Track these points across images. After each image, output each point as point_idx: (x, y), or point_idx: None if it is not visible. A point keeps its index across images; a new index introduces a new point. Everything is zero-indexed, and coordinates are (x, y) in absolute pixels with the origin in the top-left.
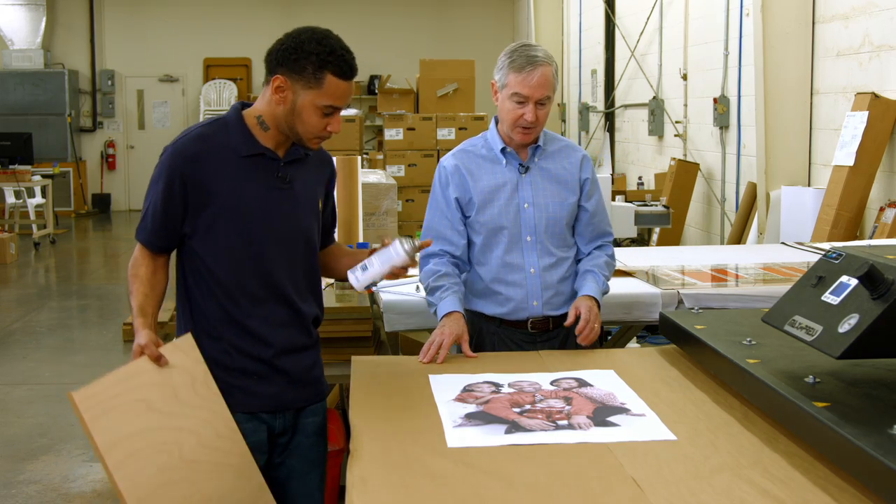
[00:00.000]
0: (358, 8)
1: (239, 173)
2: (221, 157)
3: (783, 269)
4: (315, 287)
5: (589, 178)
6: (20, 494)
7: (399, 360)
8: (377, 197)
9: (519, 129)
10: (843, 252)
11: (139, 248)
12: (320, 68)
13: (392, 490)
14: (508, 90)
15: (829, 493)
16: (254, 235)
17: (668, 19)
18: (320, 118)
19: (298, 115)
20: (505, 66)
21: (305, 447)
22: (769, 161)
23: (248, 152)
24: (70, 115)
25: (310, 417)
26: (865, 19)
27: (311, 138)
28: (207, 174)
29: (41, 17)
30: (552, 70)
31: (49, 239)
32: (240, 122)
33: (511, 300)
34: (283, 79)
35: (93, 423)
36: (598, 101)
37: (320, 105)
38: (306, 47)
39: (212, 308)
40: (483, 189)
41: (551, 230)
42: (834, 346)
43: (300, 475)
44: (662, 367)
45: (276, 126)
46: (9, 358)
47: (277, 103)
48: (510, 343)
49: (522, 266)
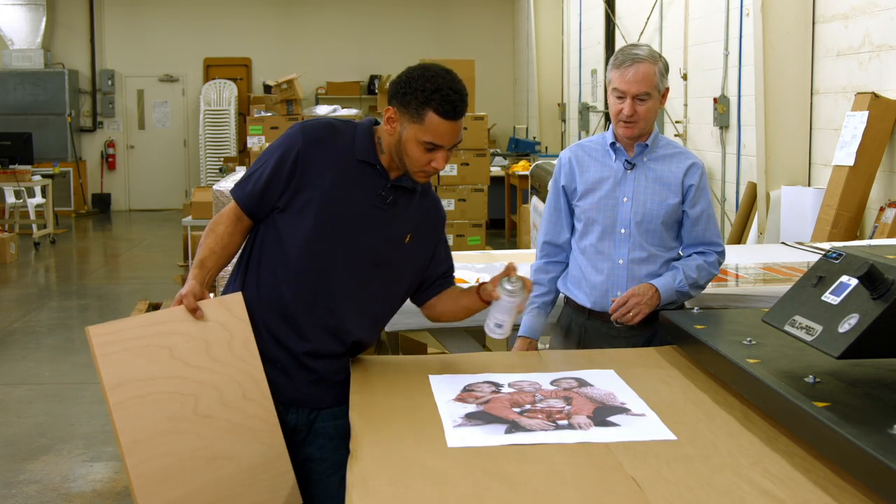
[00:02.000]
0: (358, 8)
1: (348, 173)
2: (340, 151)
3: (783, 269)
4: (376, 317)
5: (694, 186)
6: (20, 494)
7: (399, 359)
8: None
9: (620, 122)
10: (843, 252)
11: (231, 206)
12: (423, 105)
13: (392, 490)
14: (611, 86)
15: (829, 493)
16: (336, 235)
17: (668, 19)
18: (423, 153)
19: (403, 148)
20: (610, 63)
21: (328, 450)
22: (769, 161)
23: (363, 157)
24: (70, 114)
25: (331, 421)
26: (865, 19)
27: (416, 171)
28: (321, 160)
29: (41, 17)
30: (654, 68)
31: (49, 239)
32: (370, 132)
33: (597, 288)
34: (394, 110)
35: (103, 359)
36: (598, 101)
37: (422, 140)
38: (415, 84)
39: (267, 286)
40: (588, 179)
41: (646, 226)
42: (834, 345)
43: (320, 478)
44: (662, 367)
45: (388, 152)
46: (9, 358)
47: (389, 133)
48: (596, 337)
49: (612, 256)
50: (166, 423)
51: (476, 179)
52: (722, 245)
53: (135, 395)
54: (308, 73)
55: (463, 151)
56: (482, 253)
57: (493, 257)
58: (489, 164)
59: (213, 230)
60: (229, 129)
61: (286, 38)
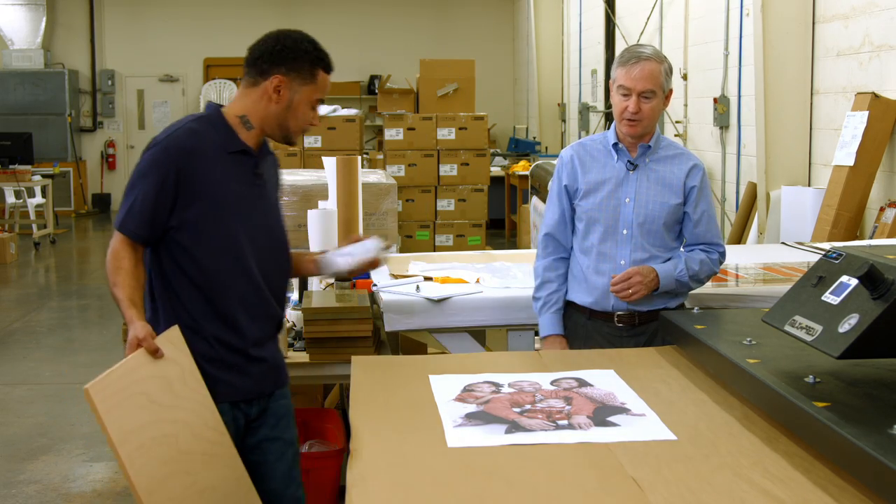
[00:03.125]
0: (358, 8)
1: (225, 169)
2: (211, 152)
3: (783, 269)
4: (285, 283)
5: (696, 187)
6: (20, 494)
7: (399, 360)
8: (377, 197)
9: (625, 120)
10: (843, 252)
11: (122, 239)
12: (314, 65)
13: (392, 490)
14: (616, 84)
15: (829, 493)
16: (236, 230)
17: (668, 19)
18: (310, 112)
19: (293, 111)
20: (616, 62)
21: (281, 429)
22: (769, 161)
23: (233, 149)
24: (70, 114)
25: (280, 400)
26: (865, 19)
27: (299, 132)
28: (200, 168)
29: (41, 17)
30: (659, 67)
31: (49, 239)
32: (221, 120)
33: (598, 288)
34: (282, 78)
35: (106, 415)
36: (598, 101)
37: (313, 99)
38: (301, 47)
39: (193, 301)
40: (591, 179)
41: (647, 227)
42: (834, 345)
43: (277, 457)
44: (662, 367)
45: (261, 125)
46: (9, 358)
47: (274, 102)
48: (598, 337)
49: (614, 257)
50: (163, 468)
51: (476, 179)
52: (723, 246)
53: (137, 445)
54: None
55: (463, 151)
56: (482, 253)
57: (492, 257)
58: (489, 164)
59: (120, 267)
60: None
61: None
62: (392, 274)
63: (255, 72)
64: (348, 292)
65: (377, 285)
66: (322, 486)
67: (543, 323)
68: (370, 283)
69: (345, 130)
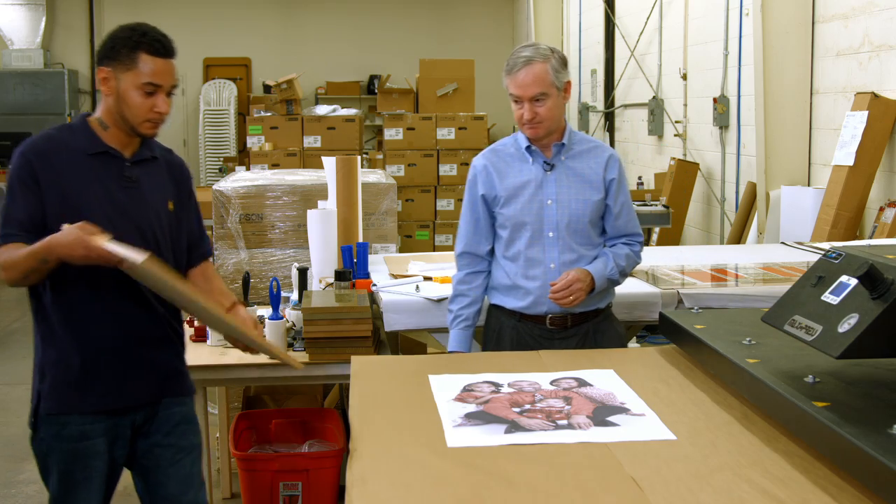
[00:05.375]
0: (358, 8)
1: (85, 172)
2: (69, 155)
3: (783, 269)
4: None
5: (615, 179)
6: (20, 494)
7: (399, 360)
8: (377, 197)
9: (525, 127)
10: (842, 252)
11: (5, 249)
12: (133, 49)
13: (392, 490)
14: (508, 92)
15: (829, 493)
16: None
17: (668, 19)
18: (144, 98)
19: (124, 101)
20: (504, 70)
21: (175, 436)
22: (769, 161)
23: (93, 150)
24: (70, 115)
25: (174, 408)
26: (865, 19)
27: (142, 122)
28: (56, 172)
29: (41, 16)
30: (546, 66)
31: None
32: (84, 124)
33: (530, 294)
34: (106, 70)
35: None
36: (597, 101)
37: (139, 84)
38: (119, 34)
39: (65, 305)
40: (509, 185)
41: (574, 227)
42: (834, 345)
43: (170, 462)
44: (662, 367)
45: (114, 123)
46: (9, 358)
47: (107, 95)
48: (528, 338)
49: (543, 261)
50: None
51: None
52: (642, 235)
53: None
54: (308, 73)
55: (462, 151)
56: None
57: None
58: None
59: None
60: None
61: (286, 38)
62: (392, 274)
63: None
64: (348, 292)
65: (377, 285)
66: (322, 486)
67: (451, 337)
68: (370, 283)
69: (344, 130)
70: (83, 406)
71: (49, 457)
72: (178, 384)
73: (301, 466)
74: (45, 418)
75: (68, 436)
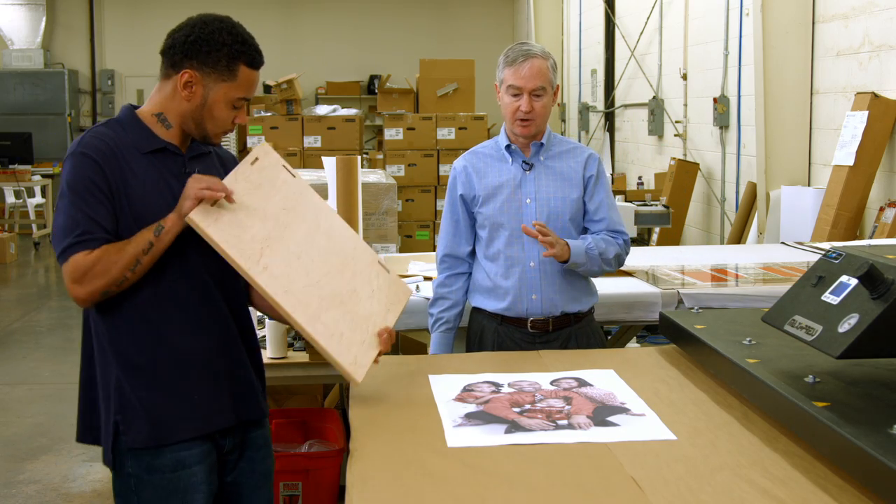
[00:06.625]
0: (358, 8)
1: (146, 169)
2: (127, 152)
3: (783, 269)
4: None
5: (593, 176)
6: (20, 494)
7: (399, 360)
8: (377, 197)
9: (518, 121)
10: (842, 252)
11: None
12: (234, 59)
13: (392, 490)
14: (505, 84)
15: (829, 493)
16: (173, 245)
17: (668, 19)
18: (230, 111)
19: (209, 111)
20: (501, 63)
21: (256, 461)
22: (769, 161)
23: (150, 148)
24: (70, 114)
25: (256, 430)
26: (865, 19)
27: (219, 133)
28: (121, 170)
29: (41, 16)
30: (547, 63)
31: (49, 239)
32: (135, 119)
33: (509, 293)
34: (193, 73)
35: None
36: (598, 101)
37: (233, 98)
38: (218, 38)
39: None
40: (488, 185)
41: (553, 224)
42: (834, 345)
43: (253, 488)
44: (662, 367)
45: (180, 123)
46: (9, 358)
47: (186, 99)
48: (510, 342)
49: (522, 259)
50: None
51: None
52: (627, 234)
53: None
54: (308, 73)
55: (462, 151)
56: None
57: None
58: None
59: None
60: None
61: (286, 38)
62: None
63: (167, 63)
64: None
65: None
66: (322, 486)
67: (433, 341)
68: None
69: (344, 130)
70: (180, 431)
71: (139, 494)
72: (259, 403)
73: (301, 466)
74: (130, 452)
75: (161, 466)
